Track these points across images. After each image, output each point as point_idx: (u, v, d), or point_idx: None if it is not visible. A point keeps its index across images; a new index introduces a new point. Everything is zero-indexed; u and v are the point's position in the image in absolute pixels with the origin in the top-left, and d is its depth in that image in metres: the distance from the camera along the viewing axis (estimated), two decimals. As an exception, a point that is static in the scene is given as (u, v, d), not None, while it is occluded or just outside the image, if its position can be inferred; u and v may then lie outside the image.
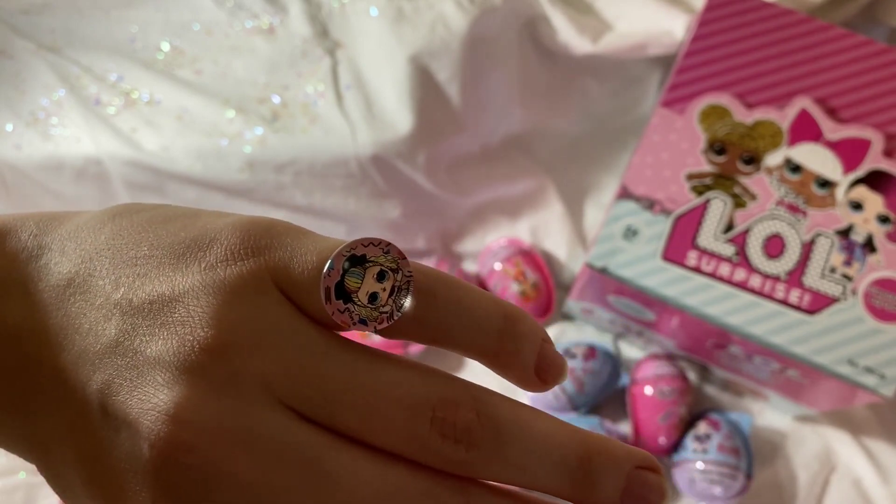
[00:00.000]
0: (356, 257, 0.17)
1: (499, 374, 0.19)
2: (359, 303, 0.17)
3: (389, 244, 0.17)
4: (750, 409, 0.64)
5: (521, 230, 0.69)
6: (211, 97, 0.60)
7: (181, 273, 0.17)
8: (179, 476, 0.15)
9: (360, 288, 0.17)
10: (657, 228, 0.50)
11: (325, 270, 0.17)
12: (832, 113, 0.52)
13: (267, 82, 0.61)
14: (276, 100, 0.61)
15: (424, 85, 0.60)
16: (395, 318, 0.17)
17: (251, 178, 0.60)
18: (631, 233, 0.51)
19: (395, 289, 0.17)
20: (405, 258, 0.17)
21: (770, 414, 0.64)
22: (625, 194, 0.51)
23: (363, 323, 0.17)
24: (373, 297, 0.17)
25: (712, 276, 0.50)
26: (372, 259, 0.17)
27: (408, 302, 0.17)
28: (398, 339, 0.18)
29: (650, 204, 0.51)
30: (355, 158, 0.60)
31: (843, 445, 0.62)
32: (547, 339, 0.19)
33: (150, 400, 0.16)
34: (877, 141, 0.51)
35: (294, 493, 0.15)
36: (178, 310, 0.16)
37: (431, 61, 0.60)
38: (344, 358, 0.17)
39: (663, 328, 0.57)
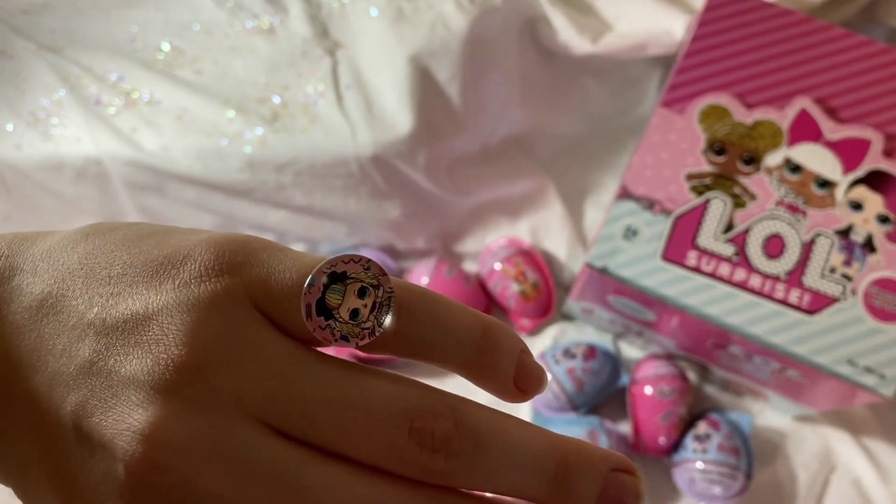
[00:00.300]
0: (336, 274, 0.17)
1: (479, 385, 0.19)
2: (340, 319, 0.17)
3: (370, 261, 0.17)
4: (750, 408, 0.64)
5: (521, 230, 0.69)
6: (211, 97, 0.60)
7: (155, 291, 0.17)
8: (155, 497, 0.15)
9: (341, 304, 0.17)
10: (657, 228, 0.50)
11: (305, 287, 0.17)
12: (832, 113, 0.52)
13: (267, 82, 0.61)
14: (277, 100, 0.61)
15: (424, 85, 0.60)
16: (377, 334, 0.17)
17: (251, 178, 0.60)
18: (631, 233, 0.51)
19: (377, 305, 0.17)
20: (385, 274, 0.17)
21: (770, 414, 0.64)
22: (625, 194, 0.51)
23: (345, 339, 0.17)
24: (354, 313, 0.17)
25: (712, 276, 0.50)
26: (353, 276, 0.17)
27: (389, 318, 0.17)
28: (379, 354, 0.18)
29: (650, 204, 0.51)
30: (355, 158, 0.60)
31: (842, 445, 0.62)
32: (525, 351, 0.19)
33: (124, 420, 0.15)
34: (876, 141, 0.51)
35: None
36: (153, 328, 0.16)
37: (431, 61, 0.60)
38: (320, 372, 0.17)
39: (663, 328, 0.57)
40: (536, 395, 0.19)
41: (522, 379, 0.19)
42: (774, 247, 0.50)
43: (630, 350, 0.66)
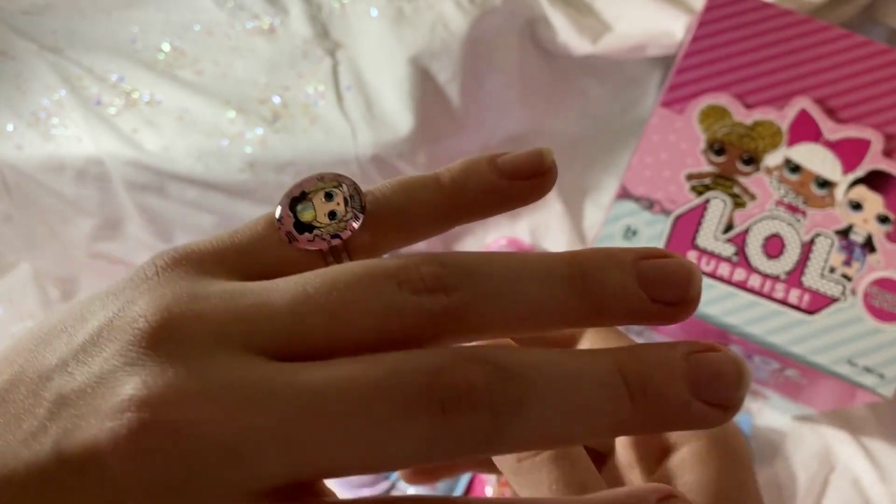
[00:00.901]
0: (297, 197, 0.17)
1: (473, 211, 0.18)
2: (322, 224, 0.16)
3: (321, 173, 0.17)
4: (749, 408, 0.64)
5: (521, 230, 0.69)
6: (212, 97, 0.60)
7: (113, 301, 0.15)
8: (154, 462, 0.13)
9: (315, 216, 0.17)
10: (657, 228, 0.51)
11: (276, 222, 0.16)
12: (831, 113, 0.52)
13: (267, 83, 0.61)
14: (277, 100, 0.61)
15: (424, 85, 0.60)
16: (360, 219, 0.17)
17: (252, 179, 0.60)
18: (630, 233, 0.51)
19: (347, 199, 0.17)
20: (341, 175, 0.17)
21: (769, 413, 0.64)
22: (624, 194, 0.51)
23: (337, 237, 0.16)
24: (332, 214, 0.17)
25: (712, 275, 0.50)
26: (311, 190, 0.17)
27: (362, 204, 0.17)
28: (367, 250, 0.17)
29: (650, 204, 0.51)
30: (356, 159, 0.60)
31: (842, 445, 0.62)
32: (497, 159, 0.18)
33: (104, 408, 0.13)
34: (876, 141, 0.51)
35: (283, 430, 0.14)
36: (115, 325, 0.15)
37: (431, 62, 0.60)
38: (290, 283, 0.15)
39: (663, 328, 0.57)
40: (540, 183, 0.18)
41: (511, 169, 0.17)
42: (774, 247, 0.50)
43: (630, 350, 0.66)
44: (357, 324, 0.15)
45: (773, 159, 0.52)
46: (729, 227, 0.51)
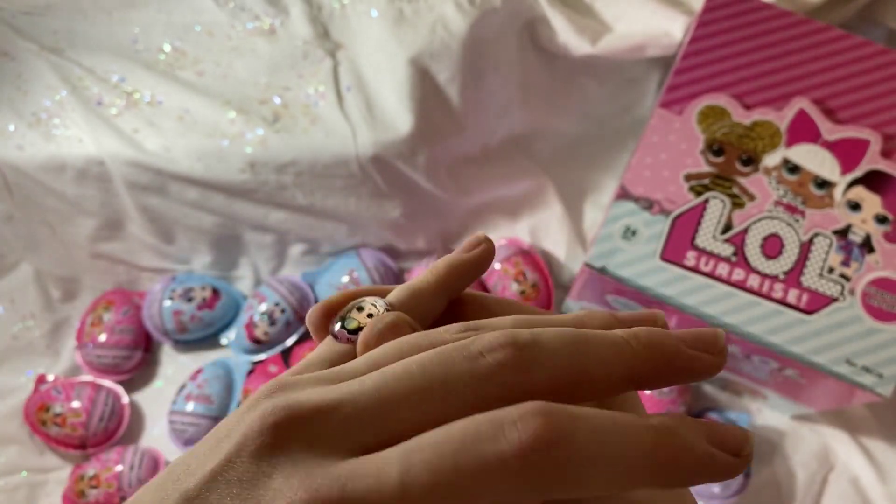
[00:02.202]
0: (341, 321, 0.21)
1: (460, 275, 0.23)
2: (364, 323, 0.21)
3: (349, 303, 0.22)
4: (748, 408, 0.65)
5: (521, 230, 0.69)
6: (212, 98, 0.60)
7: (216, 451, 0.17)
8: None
9: (359, 323, 0.21)
10: (656, 228, 0.51)
11: (335, 339, 0.21)
12: (830, 114, 0.52)
13: (268, 83, 0.61)
14: (277, 101, 0.61)
15: (424, 86, 0.60)
16: (387, 307, 0.21)
17: (252, 179, 0.60)
18: (630, 233, 0.51)
19: (375, 303, 0.22)
20: (362, 293, 0.23)
21: (768, 413, 0.64)
22: (624, 195, 0.51)
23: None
24: (369, 315, 0.21)
25: (711, 275, 0.50)
26: (346, 310, 0.22)
27: (386, 302, 0.22)
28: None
29: (649, 204, 0.51)
30: (356, 159, 0.60)
31: (841, 444, 0.63)
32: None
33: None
34: (875, 141, 0.52)
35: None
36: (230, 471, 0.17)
37: (432, 62, 0.61)
38: (361, 358, 0.18)
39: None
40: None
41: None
42: (773, 247, 0.51)
43: (629, 350, 0.66)
44: (449, 401, 0.17)
45: (771, 159, 0.52)
46: (728, 228, 0.51)
